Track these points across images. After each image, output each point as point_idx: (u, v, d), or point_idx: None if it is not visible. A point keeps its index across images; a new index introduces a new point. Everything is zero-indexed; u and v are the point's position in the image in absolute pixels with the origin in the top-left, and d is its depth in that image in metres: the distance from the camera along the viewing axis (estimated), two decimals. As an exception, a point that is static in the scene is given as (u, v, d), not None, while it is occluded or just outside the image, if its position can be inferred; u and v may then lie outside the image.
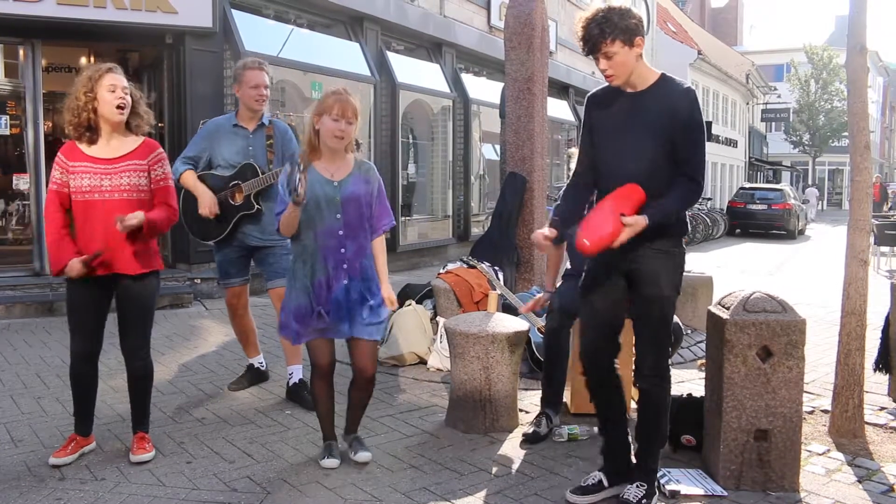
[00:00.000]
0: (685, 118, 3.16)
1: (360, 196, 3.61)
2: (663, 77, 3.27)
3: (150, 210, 3.69)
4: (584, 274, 3.46)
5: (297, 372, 4.81)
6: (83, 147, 3.66)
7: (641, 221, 3.05)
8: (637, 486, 3.28)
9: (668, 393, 3.34)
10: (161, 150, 3.83)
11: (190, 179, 4.71)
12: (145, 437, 3.89)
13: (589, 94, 3.46)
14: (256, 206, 4.68)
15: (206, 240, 4.89)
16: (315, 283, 3.57)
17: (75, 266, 3.59)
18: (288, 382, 4.83)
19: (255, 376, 5.09)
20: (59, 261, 3.63)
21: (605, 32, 3.08)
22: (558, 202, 3.61)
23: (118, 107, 3.64)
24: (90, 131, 3.65)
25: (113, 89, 3.62)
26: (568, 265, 4.60)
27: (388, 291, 3.70)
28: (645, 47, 3.29)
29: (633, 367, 3.37)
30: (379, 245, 3.73)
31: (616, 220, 3.04)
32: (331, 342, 3.72)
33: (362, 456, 3.73)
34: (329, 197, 3.55)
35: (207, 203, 4.62)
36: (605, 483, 3.39)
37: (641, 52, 3.20)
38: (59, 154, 3.69)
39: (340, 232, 3.57)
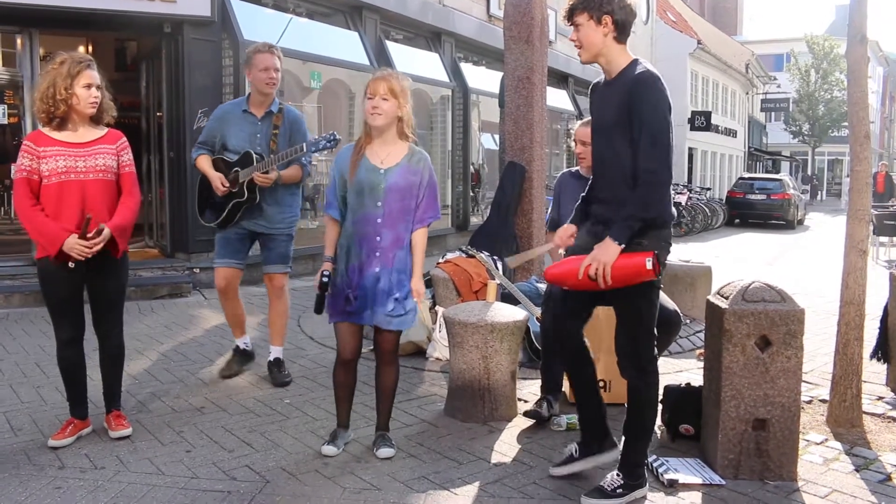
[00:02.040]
0: (635, 105, 3.05)
1: (403, 187, 3.59)
2: (630, 64, 3.19)
3: (117, 198, 3.83)
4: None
5: (276, 352, 5.04)
6: (52, 133, 3.74)
7: (607, 242, 3.06)
8: (615, 475, 3.30)
9: (648, 387, 3.30)
10: (125, 138, 3.96)
11: (202, 163, 4.82)
12: (121, 415, 4.03)
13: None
14: (248, 193, 4.70)
15: (210, 224, 4.95)
16: (349, 268, 3.61)
17: (74, 244, 3.62)
18: (268, 360, 5.06)
19: (243, 358, 5.16)
20: (55, 240, 3.62)
21: (578, 3, 3.17)
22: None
23: (92, 104, 3.75)
24: (62, 120, 3.74)
25: (89, 87, 3.73)
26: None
27: (418, 283, 3.66)
28: (644, 37, 3.30)
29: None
30: (419, 237, 3.68)
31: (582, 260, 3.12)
32: (357, 330, 3.72)
33: (383, 452, 3.71)
34: (373, 184, 3.56)
35: (215, 182, 4.72)
36: (576, 454, 3.49)
37: (614, 35, 3.15)
38: (25, 142, 3.75)
39: (378, 220, 3.56)
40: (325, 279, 3.60)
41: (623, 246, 3.05)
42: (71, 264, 3.66)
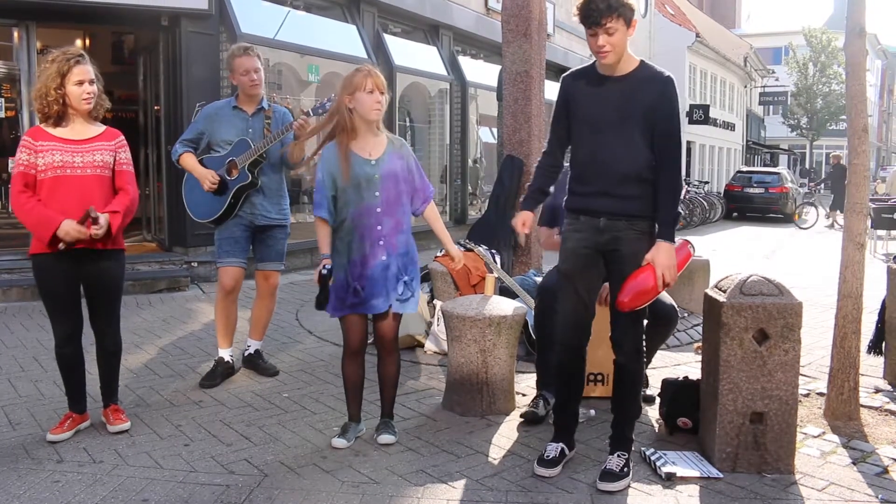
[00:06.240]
0: (665, 108, 3.23)
1: (397, 172, 3.69)
2: (643, 63, 3.34)
3: (113, 195, 3.82)
4: (562, 255, 3.55)
5: (256, 345, 5.11)
6: (50, 129, 3.76)
7: (666, 246, 3.21)
8: (618, 456, 3.41)
9: (643, 368, 3.58)
10: (123, 137, 3.95)
11: (189, 161, 4.76)
12: (119, 409, 4.04)
13: (566, 74, 3.51)
14: (251, 177, 4.70)
15: (211, 218, 4.79)
16: (351, 262, 3.65)
17: (70, 228, 3.59)
18: (244, 353, 5.13)
19: (226, 371, 4.90)
20: (49, 225, 3.60)
21: (612, 7, 3.13)
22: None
23: (86, 100, 3.75)
24: (59, 118, 3.75)
25: (80, 83, 3.72)
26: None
27: (452, 249, 3.99)
28: (643, 30, 3.34)
29: (614, 344, 3.45)
30: (432, 213, 3.89)
31: (654, 273, 3.20)
32: (364, 321, 3.77)
33: (383, 438, 3.76)
34: (368, 176, 3.62)
35: (206, 178, 4.66)
36: (567, 452, 3.56)
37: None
38: (25, 137, 3.78)
39: (378, 209, 3.63)
40: (324, 271, 3.63)
41: (672, 242, 3.26)
42: (62, 245, 3.61)
